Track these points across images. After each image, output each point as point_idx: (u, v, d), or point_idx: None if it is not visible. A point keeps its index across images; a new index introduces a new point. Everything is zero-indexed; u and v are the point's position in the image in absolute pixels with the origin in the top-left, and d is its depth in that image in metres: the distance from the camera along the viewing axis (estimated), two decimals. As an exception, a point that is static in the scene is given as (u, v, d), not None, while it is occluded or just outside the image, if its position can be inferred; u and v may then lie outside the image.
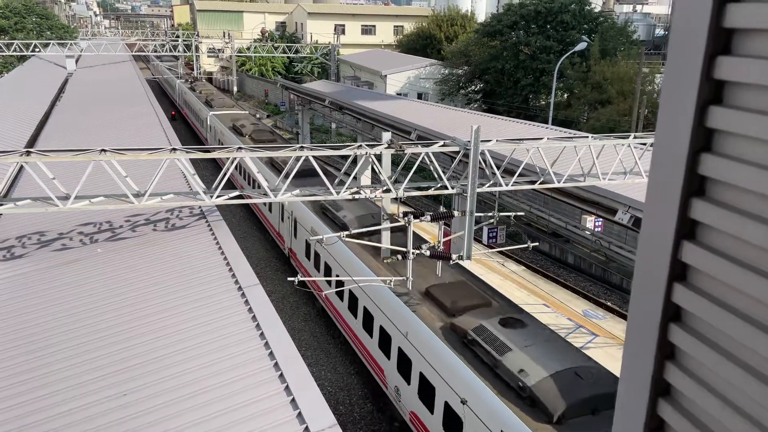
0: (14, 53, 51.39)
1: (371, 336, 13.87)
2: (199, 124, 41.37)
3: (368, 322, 14.08)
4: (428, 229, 22.76)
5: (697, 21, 1.61)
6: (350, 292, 15.06)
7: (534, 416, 8.97)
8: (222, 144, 30.95)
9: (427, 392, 11.28)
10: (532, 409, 9.10)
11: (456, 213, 13.61)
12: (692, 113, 1.66)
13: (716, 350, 1.67)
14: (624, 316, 17.76)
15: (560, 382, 9.21)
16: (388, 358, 12.97)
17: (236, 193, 13.02)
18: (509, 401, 9.31)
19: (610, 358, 14.46)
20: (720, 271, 1.65)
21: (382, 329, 13.27)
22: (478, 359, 10.36)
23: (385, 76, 49.32)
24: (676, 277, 1.78)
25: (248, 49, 60.96)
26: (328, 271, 16.87)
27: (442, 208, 14.15)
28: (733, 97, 1.62)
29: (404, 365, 12.24)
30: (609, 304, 19.23)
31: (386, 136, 13.77)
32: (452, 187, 13.60)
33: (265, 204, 23.71)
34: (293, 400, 7.39)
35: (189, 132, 45.68)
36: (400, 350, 12.43)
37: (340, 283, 15.25)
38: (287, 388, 7.63)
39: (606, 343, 16.30)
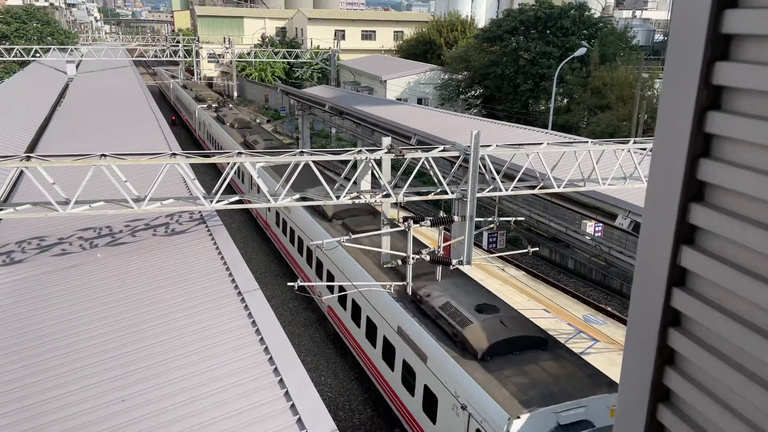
0: (15, 59, 51.44)
1: None
2: (239, 179, 28.35)
3: None
4: (428, 234, 22.74)
5: (696, 27, 1.62)
6: None
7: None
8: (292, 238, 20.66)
9: None
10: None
11: (456, 218, 13.61)
12: (691, 118, 1.66)
13: (715, 355, 1.67)
14: (624, 321, 17.73)
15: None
16: None
17: (236, 197, 13.02)
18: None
19: (610, 363, 14.44)
20: (719, 275, 1.65)
21: None
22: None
23: (385, 81, 49.43)
24: (675, 282, 1.78)
25: (248, 54, 61.13)
26: None
27: (442, 213, 14.12)
28: (732, 103, 1.63)
29: None
30: (609, 309, 19.21)
31: (386, 141, 13.78)
32: (452, 192, 13.60)
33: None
34: (293, 405, 7.37)
35: (189, 137, 45.66)
36: None
37: None
38: (287, 393, 7.62)
39: (606, 348, 16.28)
